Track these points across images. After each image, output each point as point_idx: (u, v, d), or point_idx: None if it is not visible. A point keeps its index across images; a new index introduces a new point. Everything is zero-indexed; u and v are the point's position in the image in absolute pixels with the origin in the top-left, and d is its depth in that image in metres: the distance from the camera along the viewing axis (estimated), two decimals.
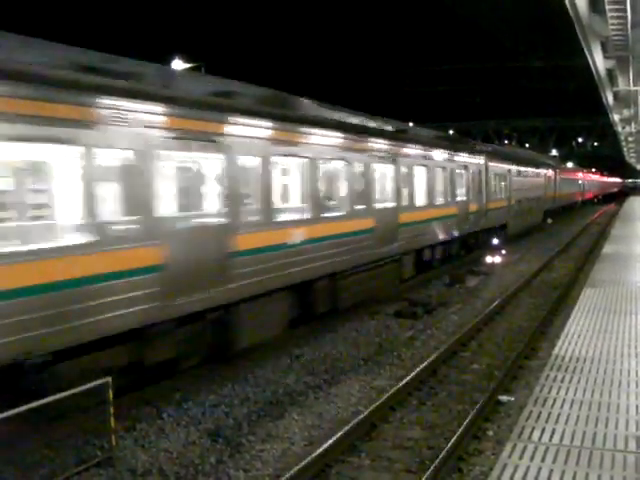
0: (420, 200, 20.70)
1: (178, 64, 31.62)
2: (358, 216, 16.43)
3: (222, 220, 11.46)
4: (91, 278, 8.88)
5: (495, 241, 30.32)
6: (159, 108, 10.24)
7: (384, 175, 18.41)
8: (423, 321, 16.81)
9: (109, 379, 8.69)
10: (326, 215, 14.97)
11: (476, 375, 12.50)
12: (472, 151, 27.58)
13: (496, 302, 18.27)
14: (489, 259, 27.04)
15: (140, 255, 9.73)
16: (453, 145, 25.21)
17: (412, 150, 20.29)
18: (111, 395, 8.70)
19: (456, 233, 24.36)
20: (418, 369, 12.15)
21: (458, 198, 24.66)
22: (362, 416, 9.82)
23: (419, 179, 20.74)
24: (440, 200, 22.52)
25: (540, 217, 44.51)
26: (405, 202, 19.32)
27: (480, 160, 28.16)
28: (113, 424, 8.79)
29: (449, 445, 8.77)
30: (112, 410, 8.73)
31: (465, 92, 60.26)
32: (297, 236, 13.62)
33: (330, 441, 8.88)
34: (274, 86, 15.44)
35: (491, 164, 29.85)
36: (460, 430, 9.27)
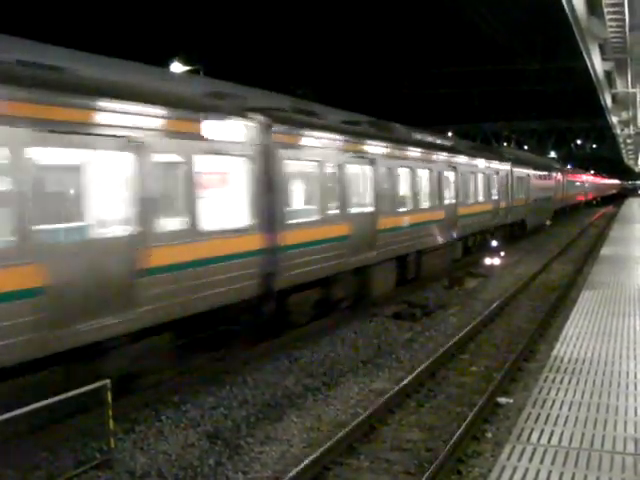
0: (472, 198, 27.02)
1: (177, 67, 31.62)
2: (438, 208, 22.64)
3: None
4: None
5: (494, 243, 30.61)
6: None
7: (448, 179, 24.14)
8: (422, 323, 16.82)
9: (107, 381, 8.70)
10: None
11: (475, 377, 12.50)
12: (502, 159, 33.35)
13: (495, 304, 18.29)
14: (488, 261, 27.07)
15: None
16: (490, 155, 31.61)
17: (467, 160, 26.64)
18: (110, 397, 8.70)
19: (491, 224, 30.41)
20: (417, 371, 12.16)
21: (493, 197, 30.62)
22: (361, 418, 9.82)
23: (470, 183, 26.83)
24: (482, 199, 28.71)
25: (550, 215, 50.22)
26: (463, 199, 25.62)
27: (507, 166, 33.87)
28: (112, 426, 8.79)
29: (448, 447, 8.77)
30: (111, 412, 8.73)
31: (464, 94, 60.24)
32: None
33: (329, 443, 8.88)
34: (273, 86, 15.53)
35: (515, 169, 35.52)
36: (459, 432, 9.27)
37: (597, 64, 17.32)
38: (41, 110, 8.42)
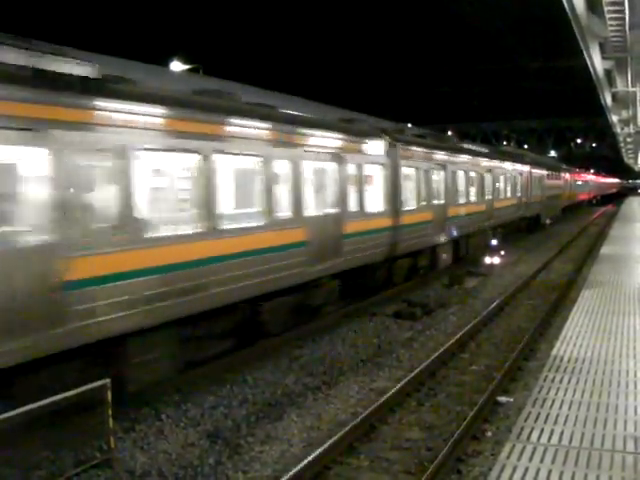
0: (503, 194, 33.12)
1: (177, 65, 31.62)
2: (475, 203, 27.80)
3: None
4: None
5: (494, 242, 30.65)
6: None
7: (481, 179, 28.79)
8: (422, 322, 16.82)
9: (108, 380, 8.70)
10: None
11: (475, 376, 12.50)
12: (523, 161, 39.46)
13: (495, 303, 18.29)
14: (488, 260, 27.07)
15: None
16: (516, 158, 37.99)
17: (500, 164, 32.73)
18: (110, 396, 8.70)
19: (515, 216, 36.28)
20: (417, 370, 12.16)
21: (517, 194, 36.63)
22: (361, 417, 9.82)
23: (501, 182, 32.74)
24: (511, 194, 35.07)
25: (560, 210, 56.04)
26: (496, 196, 31.42)
27: (527, 167, 39.79)
28: (112, 425, 8.79)
29: (448, 446, 8.78)
30: (111, 411, 8.73)
31: (464, 93, 60.26)
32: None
33: (329, 442, 8.89)
34: (272, 86, 15.63)
35: (533, 170, 41.55)
36: (459, 431, 9.27)
37: (597, 63, 17.32)
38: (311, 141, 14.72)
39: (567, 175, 61.81)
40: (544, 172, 45.84)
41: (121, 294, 9.43)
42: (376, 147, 17.97)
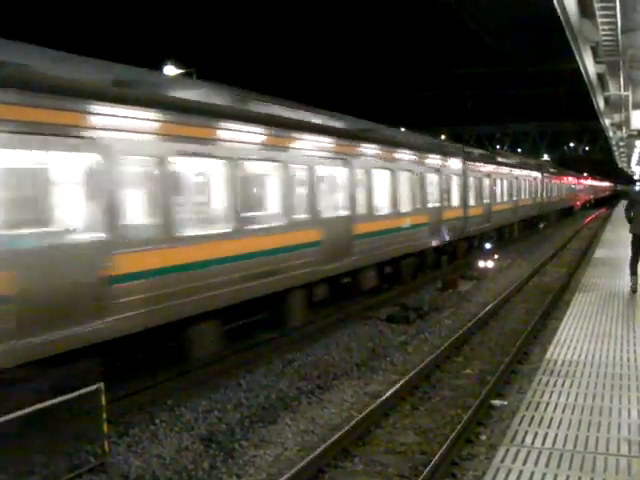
0: (527, 195, 43.12)
1: (171, 69, 31.62)
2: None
3: None
4: None
5: (487, 245, 30.78)
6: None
7: (510, 184, 37.58)
8: (416, 326, 16.83)
9: (101, 384, 8.68)
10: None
11: (469, 380, 12.52)
12: (539, 169, 48.96)
13: (489, 307, 18.31)
14: (482, 264, 27.10)
15: None
16: (531, 166, 46.95)
17: (523, 172, 42.40)
18: (104, 400, 8.68)
19: (533, 213, 45.65)
20: (411, 374, 12.17)
21: (532, 195, 45.55)
22: (355, 421, 9.82)
23: (522, 187, 41.61)
24: (529, 196, 44.01)
25: (567, 208, 66.71)
26: (522, 197, 41.23)
27: (540, 174, 48.86)
28: (106, 430, 8.77)
29: (442, 450, 8.78)
30: (105, 415, 8.71)
31: (457, 97, 60.40)
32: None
33: (323, 446, 8.88)
34: (268, 89, 15.51)
35: (545, 175, 51.04)
36: (453, 435, 9.27)
37: (590, 67, 17.36)
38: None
39: (573, 179, 68.03)
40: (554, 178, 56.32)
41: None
42: (456, 163, 26.52)
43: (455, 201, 25.94)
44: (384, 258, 18.73)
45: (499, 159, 37.24)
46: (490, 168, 32.45)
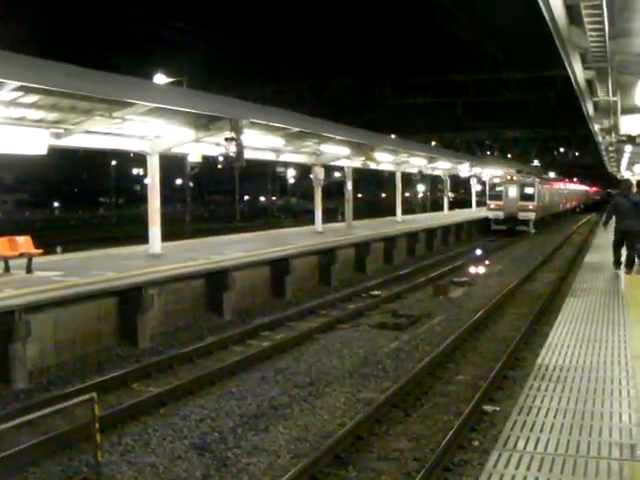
0: (564, 199, 71.89)
1: (161, 78, 31.66)
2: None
3: None
4: None
5: (478, 252, 30.86)
6: None
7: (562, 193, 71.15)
8: (407, 332, 16.85)
9: (94, 394, 8.66)
10: None
11: (461, 386, 12.54)
12: (562, 180, 73.02)
13: (480, 313, 18.34)
14: (472, 270, 27.17)
15: None
16: (560, 180, 69.99)
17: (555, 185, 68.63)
18: (97, 410, 8.66)
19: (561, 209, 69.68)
20: (403, 380, 12.19)
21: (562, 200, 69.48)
22: (348, 428, 9.83)
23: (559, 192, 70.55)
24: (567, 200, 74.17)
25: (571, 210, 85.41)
26: (568, 200, 75.73)
27: (562, 185, 71.40)
28: (99, 439, 8.75)
29: (435, 456, 8.80)
30: (98, 425, 8.69)
31: (446, 104, 60.47)
32: None
33: (316, 454, 8.89)
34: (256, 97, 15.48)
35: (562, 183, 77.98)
36: (445, 440, 9.30)
37: (578, 73, 17.44)
38: None
39: (574, 186, 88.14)
40: (567, 186, 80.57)
41: None
42: (533, 182, 48.81)
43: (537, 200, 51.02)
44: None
45: (545, 177, 66.11)
46: (547, 185, 57.80)
